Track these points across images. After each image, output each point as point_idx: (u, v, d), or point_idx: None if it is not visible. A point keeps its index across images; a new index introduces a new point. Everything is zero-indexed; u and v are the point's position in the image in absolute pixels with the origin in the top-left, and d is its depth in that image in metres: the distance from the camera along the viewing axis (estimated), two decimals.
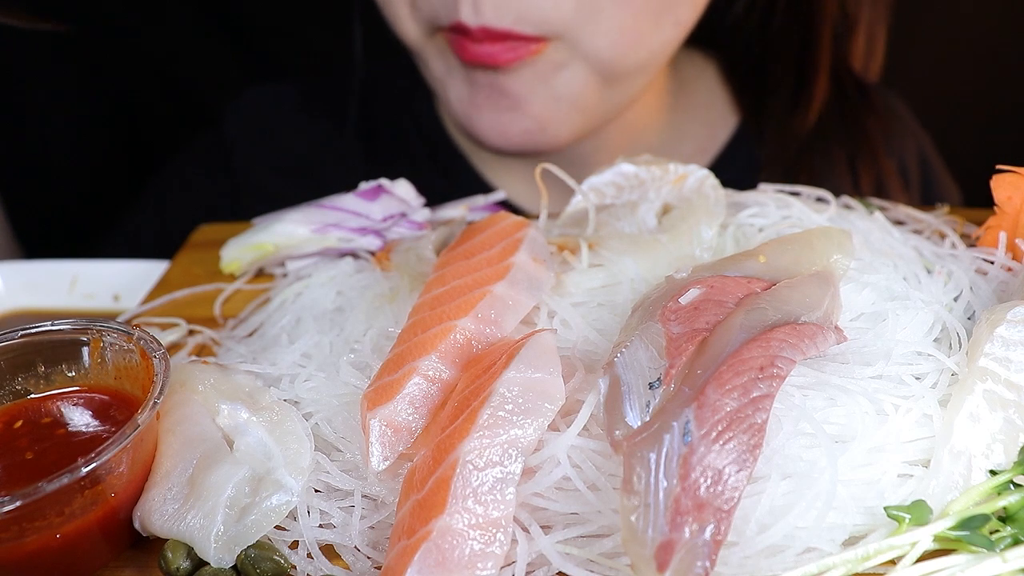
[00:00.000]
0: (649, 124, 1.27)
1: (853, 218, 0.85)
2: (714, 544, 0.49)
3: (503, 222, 0.77)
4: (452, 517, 0.52)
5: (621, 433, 0.54)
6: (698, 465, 0.51)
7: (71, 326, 0.70)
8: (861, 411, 0.60)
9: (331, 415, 0.68)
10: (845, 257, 0.68)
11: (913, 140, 1.35)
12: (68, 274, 1.03)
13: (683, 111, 1.31)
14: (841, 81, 1.28)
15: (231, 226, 1.02)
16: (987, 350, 0.62)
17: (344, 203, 0.94)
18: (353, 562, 0.60)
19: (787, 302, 0.62)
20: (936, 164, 1.37)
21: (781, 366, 0.56)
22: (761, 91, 1.30)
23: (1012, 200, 0.77)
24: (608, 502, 0.57)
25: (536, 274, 0.71)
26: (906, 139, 1.34)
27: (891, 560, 0.55)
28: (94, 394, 0.69)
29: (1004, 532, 0.56)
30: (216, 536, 0.59)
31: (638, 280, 0.74)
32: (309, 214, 0.93)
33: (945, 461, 0.59)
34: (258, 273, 0.96)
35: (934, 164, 1.37)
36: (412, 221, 0.94)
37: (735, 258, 0.69)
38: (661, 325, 0.60)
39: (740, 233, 0.82)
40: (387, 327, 0.76)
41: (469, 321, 0.66)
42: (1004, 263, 0.77)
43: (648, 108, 1.26)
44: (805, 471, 0.57)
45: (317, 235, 0.91)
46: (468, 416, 0.56)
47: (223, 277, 0.95)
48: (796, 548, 0.55)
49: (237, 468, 0.62)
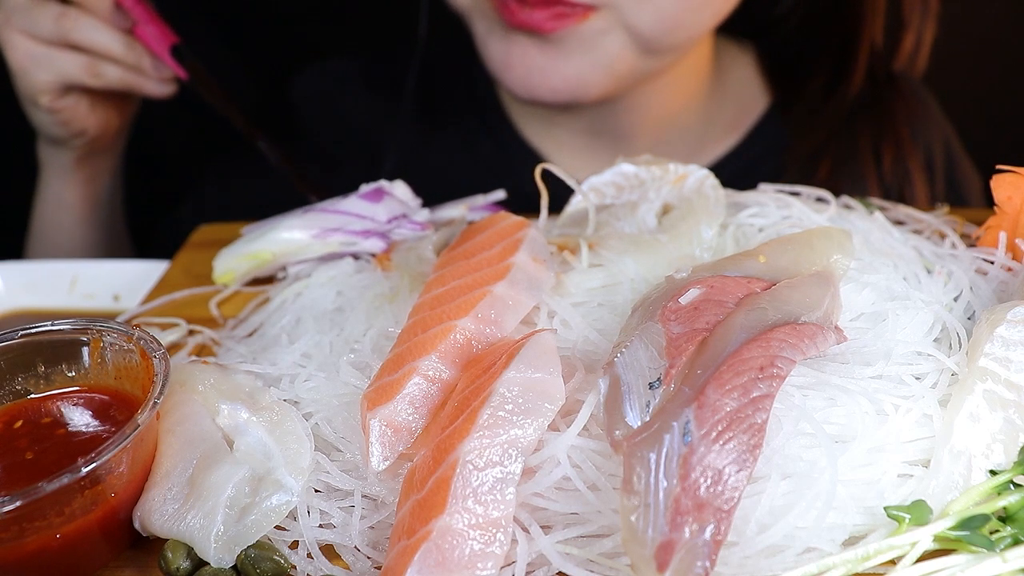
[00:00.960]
0: (687, 104, 1.32)
1: (853, 218, 0.85)
2: (714, 544, 0.49)
3: (503, 222, 0.77)
4: (452, 517, 0.52)
5: (621, 433, 0.54)
6: (698, 465, 0.51)
7: (71, 326, 0.70)
8: (861, 411, 0.60)
9: (331, 415, 0.68)
10: (845, 257, 0.68)
11: (939, 129, 1.37)
12: (68, 274, 1.03)
13: (719, 94, 1.35)
14: (873, 70, 1.31)
15: (231, 226, 1.02)
16: (987, 350, 0.62)
17: (346, 206, 0.93)
18: (353, 562, 0.60)
19: (787, 302, 0.62)
20: (960, 154, 1.39)
21: (781, 366, 0.56)
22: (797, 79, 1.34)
23: (1012, 200, 0.77)
24: (608, 502, 0.57)
25: (536, 274, 0.71)
26: (932, 128, 1.36)
27: (891, 560, 0.55)
28: (94, 394, 0.69)
29: (1004, 532, 0.56)
30: (216, 536, 0.59)
31: (638, 280, 0.74)
32: (308, 220, 0.91)
33: (945, 461, 0.59)
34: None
35: (958, 154, 1.39)
36: (413, 222, 0.93)
37: (735, 258, 0.69)
38: (661, 325, 0.60)
39: (740, 233, 0.82)
40: (387, 327, 0.76)
41: (469, 321, 0.66)
42: (1004, 263, 0.77)
43: (687, 90, 1.30)
44: (805, 471, 0.57)
45: (318, 240, 0.90)
46: (468, 416, 0.56)
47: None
48: (796, 548, 0.55)
49: (237, 468, 0.62)
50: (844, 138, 1.29)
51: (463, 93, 1.40)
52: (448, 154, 1.37)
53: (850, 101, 1.29)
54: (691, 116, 1.33)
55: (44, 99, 1.11)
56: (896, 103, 1.31)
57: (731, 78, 1.37)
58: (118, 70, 1.11)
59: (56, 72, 1.09)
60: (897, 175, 1.28)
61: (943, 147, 1.36)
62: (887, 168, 1.28)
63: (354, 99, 1.41)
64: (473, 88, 1.38)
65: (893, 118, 1.30)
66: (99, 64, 1.10)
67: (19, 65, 1.09)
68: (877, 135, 1.29)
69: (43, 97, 1.11)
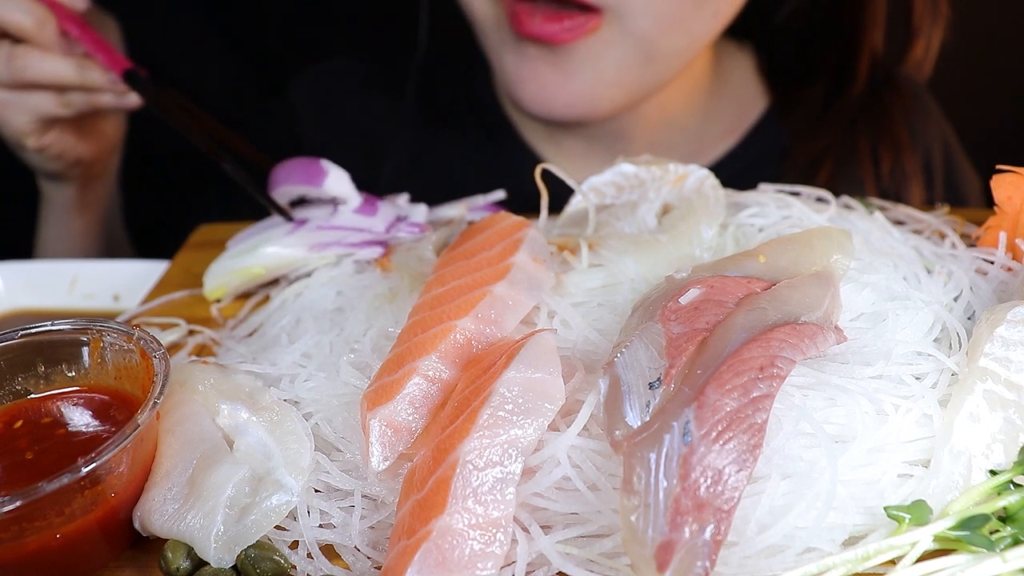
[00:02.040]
0: (686, 105, 1.33)
1: (853, 218, 0.85)
2: (714, 544, 0.49)
3: (503, 222, 0.77)
4: (452, 517, 0.52)
5: (621, 433, 0.54)
6: (698, 465, 0.51)
7: (71, 326, 0.70)
8: (861, 411, 0.60)
9: (331, 415, 0.68)
10: (845, 257, 0.68)
11: (938, 129, 1.38)
12: (68, 274, 1.03)
13: (718, 95, 1.36)
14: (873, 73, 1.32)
15: (231, 226, 1.02)
16: (987, 350, 0.62)
17: (341, 221, 0.91)
18: (353, 562, 0.60)
19: (787, 302, 0.62)
20: (959, 155, 1.40)
21: (781, 366, 0.56)
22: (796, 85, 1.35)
23: (1012, 200, 0.77)
24: (608, 502, 0.57)
25: (536, 274, 0.71)
26: (931, 128, 1.37)
27: (891, 560, 0.55)
28: (94, 394, 0.69)
29: (1004, 532, 0.56)
30: (216, 536, 0.59)
31: (638, 280, 0.74)
32: (302, 237, 0.89)
33: (945, 461, 0.59)
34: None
35: (957, 154, 1.40)
36: (412, 223, 0.93)
37: (735, 258, 0.69)
38: (661, 325, 0.60)
39: (740, 233, 0.82)
40: (387, 327, 0.76)
41: (469, 321, 0.66)
42: (1004, 263, 0.77)
43: (686, 91, 1.31)
44: (805, 471, 0.57)
45: (314, 253, 0.89)
46: (468, 416, 0.56)
47: None
48: (796, 548, 0.55)
49: (237, 468, 0.62)
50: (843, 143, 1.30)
51: (463, 96, 1.40)
52: (448, 157, 1.38)
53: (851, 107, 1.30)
54: (690, 117, 1.34)
55: (30, 141, 1.11)
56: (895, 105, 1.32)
57: (730, 79, 1.37)
58: (81, 95, 1.10)
59: (29, 111, 1.09)
60: (895, 179, 1.29)
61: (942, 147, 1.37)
62: (885, 172, 1.29)
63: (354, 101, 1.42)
64: (473, 91, 1.39)
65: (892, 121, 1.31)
66: (65, 94, 1.09)
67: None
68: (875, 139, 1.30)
69: (28, 139, 1.11)
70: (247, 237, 0.92)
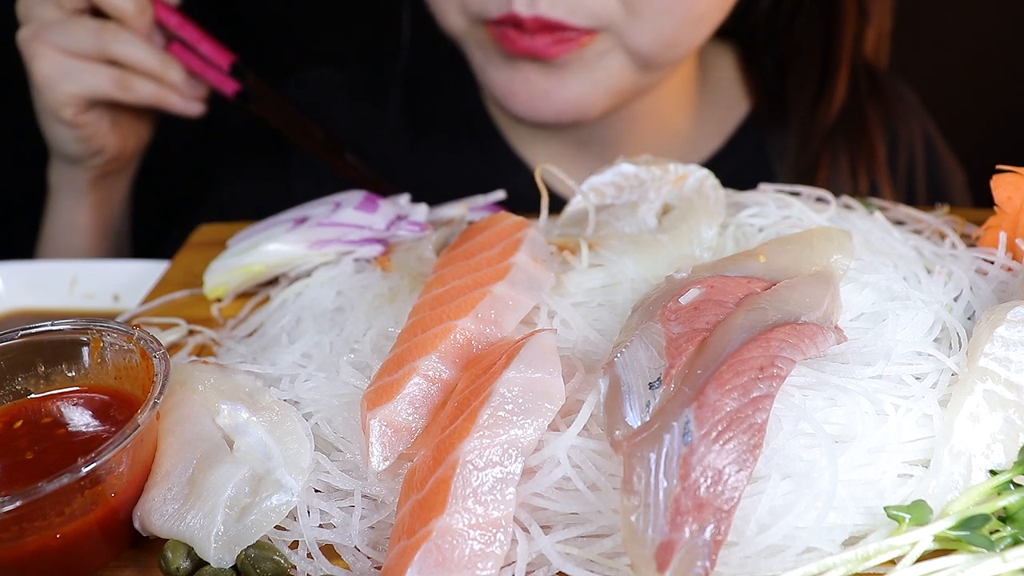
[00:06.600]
0: (678, 107, 1.33)
1: (853, 218, 0.85)
2: (714, 544, 0.49)
3: (503, 222, 0.77)
4: (452, 517, 0.52)
5: (621, 433, 0.54)
6: (698, 465, 0.51)
7: (71, 326, 0.70)
8: (861, 411, 0.60)
9: (331, 415, 0.68)
10: (845, 257, 0.68)
11: (919, 123, 1.38)
12: (68, 274, 1.03)
13: (706, 96, 1.36)
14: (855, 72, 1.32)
15: (232, 226, 1.02)
16: (987, 350, 0.62)
17: (342, 218, 0.91)
18: (353, 562, 0.60)
19: (787, 302, 0.62)
20: (941, 147, 1.40)
21: (781, 366, 0.56)
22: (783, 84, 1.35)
23: (1012, 200, 0.77)
24: (608, 502, 0.57)
25: (536, 274, 0.71)
26: (912, 122, 1.37)
27: (891, 560, 0.55)
28: (94, 394, 0.69)
29: (1004, 532, 0.56)
30: (216, 536, 0.59)
31: (638, 280, 0.74)
32: (302, 234, 0.89)
33: (945, 461, 0.59)
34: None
35: (939, 147, 1.40)
36: (412, 222, 0.93)
37: (735, 258, 0.69)
38: (661, 325, 0.60)
39: (740, 233, 0.82)
40: (387, 327, 0.76)
41: (469, 321, 0.66)
42: (1004, 263, 0.77)
43: (676, 93, 1.32)
44: (805, 471, 0.57)
45: (314, 251, 0.89)
46: (468, 416, 0.56)
47: None
48: (796, 548, 0.55)
49: (237, 468, 0.62)
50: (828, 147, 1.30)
51: (449, 103, 1.39)
52: (435, 164, 1.37)
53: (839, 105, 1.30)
54: (682, 118, 1.34)
55: (67, 112, 1.10)
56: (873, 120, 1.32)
57: (714, 78, 1.38)
58: (150, 85, 1.11)
59: (84, 85, 1.09)
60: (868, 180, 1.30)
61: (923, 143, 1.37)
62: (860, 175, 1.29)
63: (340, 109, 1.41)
64: (459, 98, 1.38)
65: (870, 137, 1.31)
66: (130, 78, 1.10)
67: (45, 78, 1.09)
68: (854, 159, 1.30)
69: (66, 110, 1.10)
70: (248, 236, 0.92)
